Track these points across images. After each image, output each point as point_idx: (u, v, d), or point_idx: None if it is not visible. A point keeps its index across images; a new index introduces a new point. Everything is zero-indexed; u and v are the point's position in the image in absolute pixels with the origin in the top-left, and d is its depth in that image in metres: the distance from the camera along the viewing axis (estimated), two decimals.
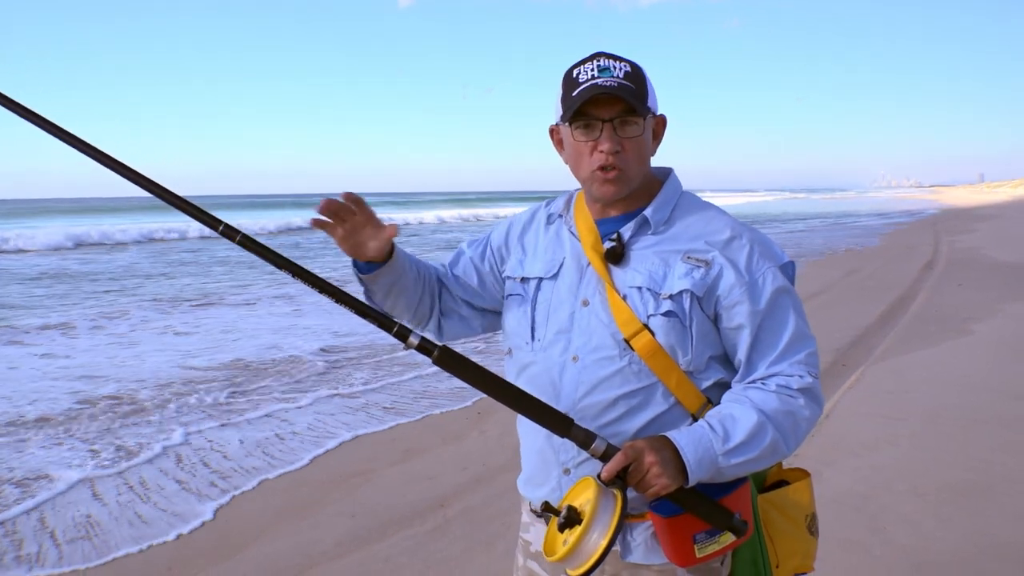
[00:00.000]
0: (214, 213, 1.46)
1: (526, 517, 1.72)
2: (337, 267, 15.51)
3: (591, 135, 1.49)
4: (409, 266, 1.63)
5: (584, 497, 1.38)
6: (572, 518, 1.36)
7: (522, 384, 1.60)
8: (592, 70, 1.47)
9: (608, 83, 1.44)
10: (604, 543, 1.33)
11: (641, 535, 1.52)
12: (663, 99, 1.57)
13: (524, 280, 1.62)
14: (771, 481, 1.68)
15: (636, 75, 1.48)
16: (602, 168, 1.49)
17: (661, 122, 1.57)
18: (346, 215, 1.47)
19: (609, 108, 1.46)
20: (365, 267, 1.56)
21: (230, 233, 1.44)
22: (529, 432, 1.61)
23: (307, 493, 4.62)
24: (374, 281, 1.58)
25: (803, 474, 1.69)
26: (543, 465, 1.58)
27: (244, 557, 3.84)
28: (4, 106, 1.50)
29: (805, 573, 1.68)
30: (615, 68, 1.47)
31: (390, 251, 1.55)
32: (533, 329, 1.59)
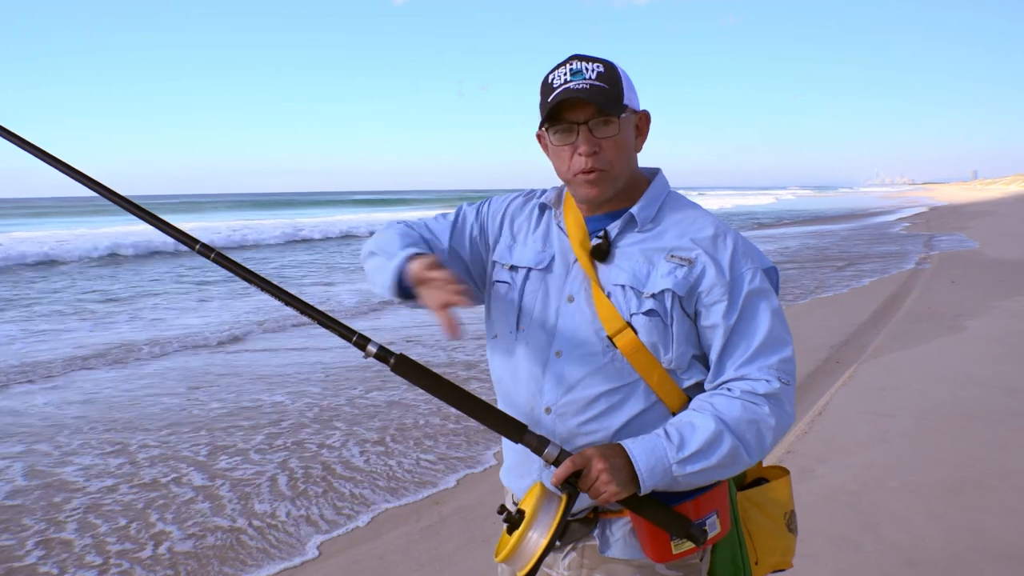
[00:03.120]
0: (213, 212, 1.50)
1: (510, 507, 1.73)
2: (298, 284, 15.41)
3: (568, 139, 1.51)
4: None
5: (531, 500, 1.40)
6: (517, 520, 1.38)
7: (504, 374, 1.62)
8: (565, 74, 1.49)
9: (579, 86, 1.46)
10: (544, 543, 1.34)
11: (620, 530, 1.53)
12: (659, 96, 1.59)
13: (513, 268, 1.62)
14: (751, 479, 1.69)
15: (610, 75, 1.49)
16: (583, 171, 1.50)
17: (644, 118, 1.57)
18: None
19: (583, 111, 1.48)
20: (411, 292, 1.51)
21: (205, 251, 1.54)
22: None
23: (300, 490, 4.62)
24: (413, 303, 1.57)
25: (782, 472, 1.70)
26: (525, 457, 1.58)
27: (237, 557, 3.84)
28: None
29: (783, 570, 1.69)
30: (587, 70, 1.48)
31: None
32: (519, 319, 1.59)
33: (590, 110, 1.47)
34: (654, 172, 1.63)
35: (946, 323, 8.55)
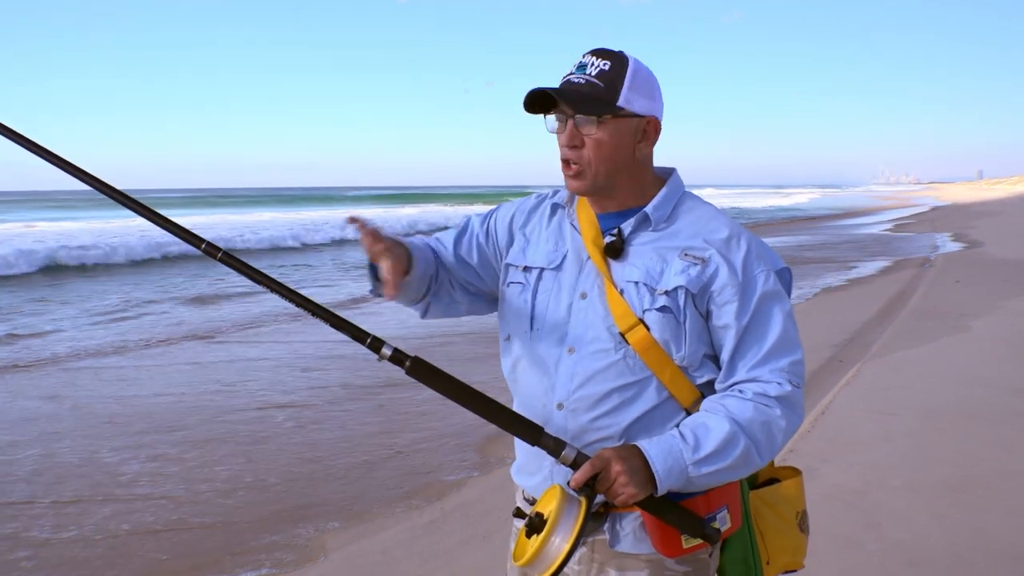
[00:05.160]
0: (220, 208, 1.48)
1: (521, 505, 1.73)
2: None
3: (560, 128, 1.52)
4: (419, 273, 1.61)
5: (551, 504, 1.40)
6: (537, 524, 1.38)
7: (518, 374, 1.63)
8: (573, 67, 1.51)
9: (575, 80, 1.48)
10: (567, 548, 1.34)
11: (630, 524, 1.53)
12: (664, 93, 1.56)
13: (527, 269, 1.63)
14: (763, 479, 1.69)
15: (612, 74, 1.47)
16: (564, 161, 1.53)
17: (651, 123, 1.54)
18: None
19: (571, 105, 1.48)
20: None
21: (212, 251, 1.50)
22: None
23: (303, 485, 4.63)
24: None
25: (794, 472, 1.70)
26: (535, 454, 1.57)
27: (240, 550, 3.85)
28: None
29: (795, 571, 1.69)
30: (591, 66, 1.49)
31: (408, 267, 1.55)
32: (532, 319, 1.60)
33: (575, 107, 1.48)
34: (669, 172, 1.63)
35: (951, 322, 8.53)
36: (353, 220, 1.49)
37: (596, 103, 1.47)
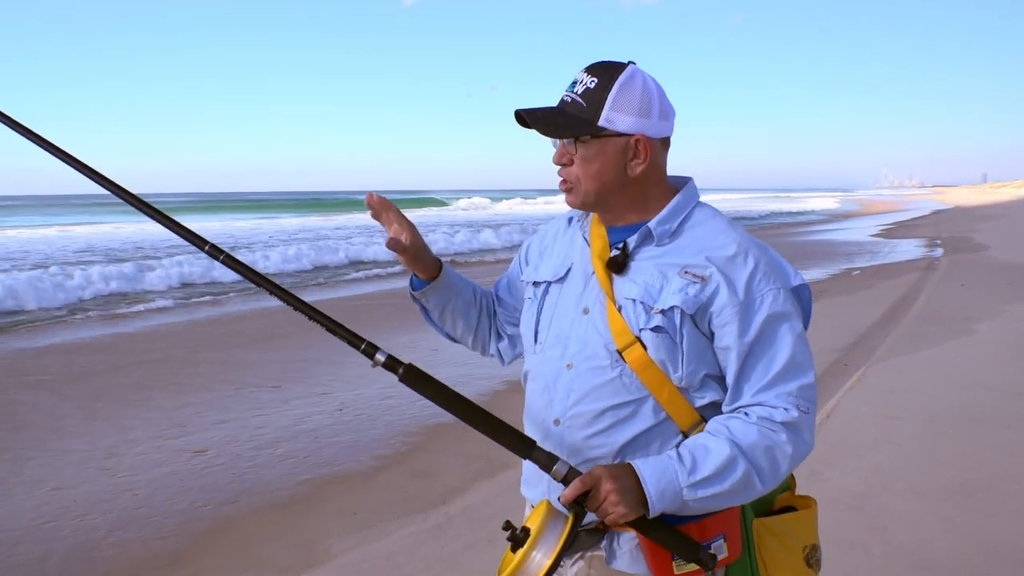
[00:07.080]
0: (220, 213, 1.49)
1: (527, 515, 1.73)
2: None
3: (555, 144, 1.54)
4: (462, 287, 1.70)
5: (537, 519, 1.38)
6: (521, 538, 1.36)
7: (526, 387, 1.64)
8: (570, 83, 1.52)
9: (565, 97, 1.49)
10: (548, 563, 1.33)
11: (627, 543, 1.50)
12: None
13: (536, 284, 1.64)
14: (778, 506, 1.62)
15: (595, 94, 1.45)
16: (559, 178, 1.54)
17: (639, 142, 1.47)
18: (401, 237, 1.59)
19: (544, 129, 1.50)
20: (417, 284, 1.64)
21: (215, 253, 1.53)
22: (528, 433, 1.63)
23: (308, 490, 4.64)
24: (423, 298, 1.66)
25: (808, 503, 1.62)
26: (536, 467, 1.57)
27: (245, 556, 3.86)
28: None
29: None
30: (579, 83, 1.48)
31: (438, 271, 1.65)
32: (536, 332, 1.60)
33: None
34: (683, 182, 1.57)
35: (955, 326, 8.53)
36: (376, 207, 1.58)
37: (574, 123, 1.45)
